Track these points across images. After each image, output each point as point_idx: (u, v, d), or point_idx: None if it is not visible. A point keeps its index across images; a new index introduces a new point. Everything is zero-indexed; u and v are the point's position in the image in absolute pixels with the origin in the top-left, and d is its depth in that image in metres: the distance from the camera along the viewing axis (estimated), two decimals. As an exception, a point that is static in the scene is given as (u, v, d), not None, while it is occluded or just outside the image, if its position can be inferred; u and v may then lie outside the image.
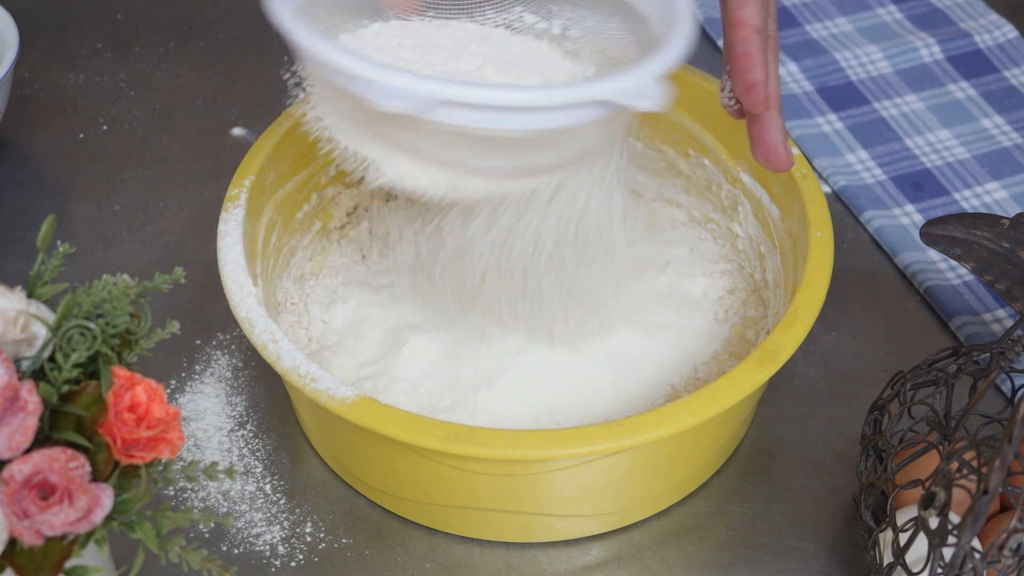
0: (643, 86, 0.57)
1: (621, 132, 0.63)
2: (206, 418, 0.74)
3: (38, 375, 0.50)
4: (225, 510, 0.70)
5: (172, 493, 0.70)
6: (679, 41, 0.59)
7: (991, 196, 0.87)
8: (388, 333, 0.73)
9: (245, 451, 0.72)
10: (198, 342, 0.78)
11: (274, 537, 0.69)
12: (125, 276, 0.52)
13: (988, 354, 0.65)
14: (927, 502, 0.56)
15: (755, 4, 0.61)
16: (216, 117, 0.93)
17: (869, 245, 0.85)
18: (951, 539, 0.56)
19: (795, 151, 0.72)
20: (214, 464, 0.53)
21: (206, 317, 0.79)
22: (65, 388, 0.50)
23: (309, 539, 0.69)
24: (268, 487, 0.71)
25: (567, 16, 0.68)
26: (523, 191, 0.63)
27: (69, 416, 0.49)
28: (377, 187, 0.63)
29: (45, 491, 0.47)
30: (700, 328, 0.74)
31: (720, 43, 0.98)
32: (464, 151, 0.59)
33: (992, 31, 0.98)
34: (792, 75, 0.95)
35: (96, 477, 0.49)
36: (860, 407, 0.74)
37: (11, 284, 0.51)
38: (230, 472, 0.53)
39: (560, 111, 0.57)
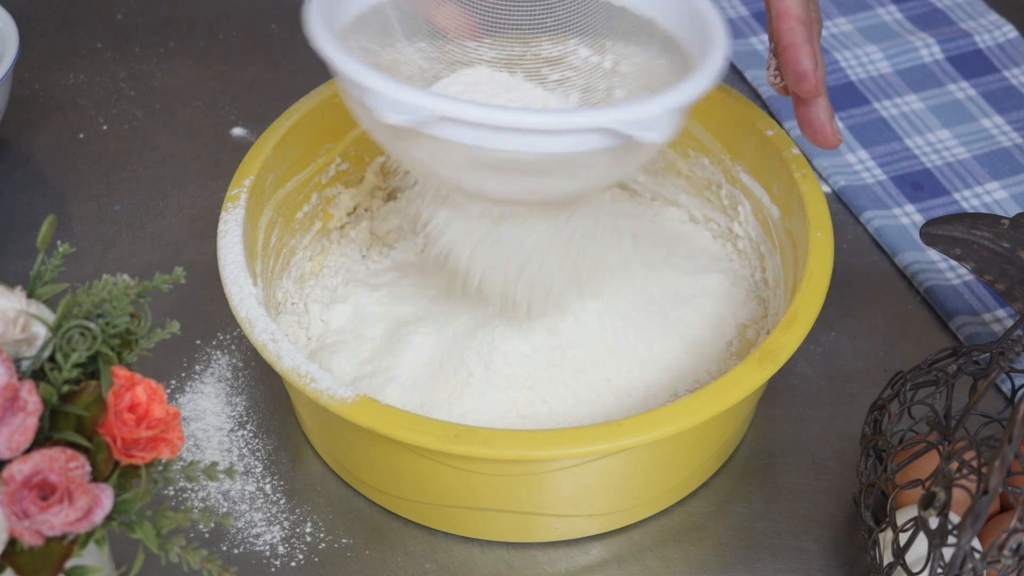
0: (650, 117, 0.57)
1: (640, 163, 0.64)
2: (206, 418, 0.74)
3: (38, 375, 0.50)
4: (225, 510, 0.70)
5: (172, 493, 0.70)
6: (697, 79, 0.59)
7: (991, 196, 0.87)
8: (388, 333, 0.73)
9: (245, 451, 0.72)
10: (198, 342, 0.78)
11: (274, 537, 0.69)
12: (125, 276, 0.52)
13: (988, 354, 0.65)
14: (927, 502, 0.56)
15: None
16: (216, 117, 0.93)
17: (869, 245, 0.85)
18: (951, 539, 0.56)
19: (795, 151, 0.72)
20: (214, 464, 0.53)
21: (206, 317, 0.79)
22: (65, 388, 0.50)
23: (309, 539, 0.69)
24: (268, 487, 0.71)
25: (619, 51, 0.69)
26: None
27: (69, 416, 0.49)
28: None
29: (45, 491, 0.47)
30: (700, 328, 0.74)
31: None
32: (480, 174, 0.60)
33: (992, 31, 0.98)
34: (792, 75, 0.95)
35: (96, 477, 0.49)
36: (860, 407, 0.74)
37: (11, 284, 0.51)
38: (230, 472, 0.53)
39: (565, 135, 0.57)
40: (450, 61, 0.68)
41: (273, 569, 0.67)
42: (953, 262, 0.81)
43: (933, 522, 0.58)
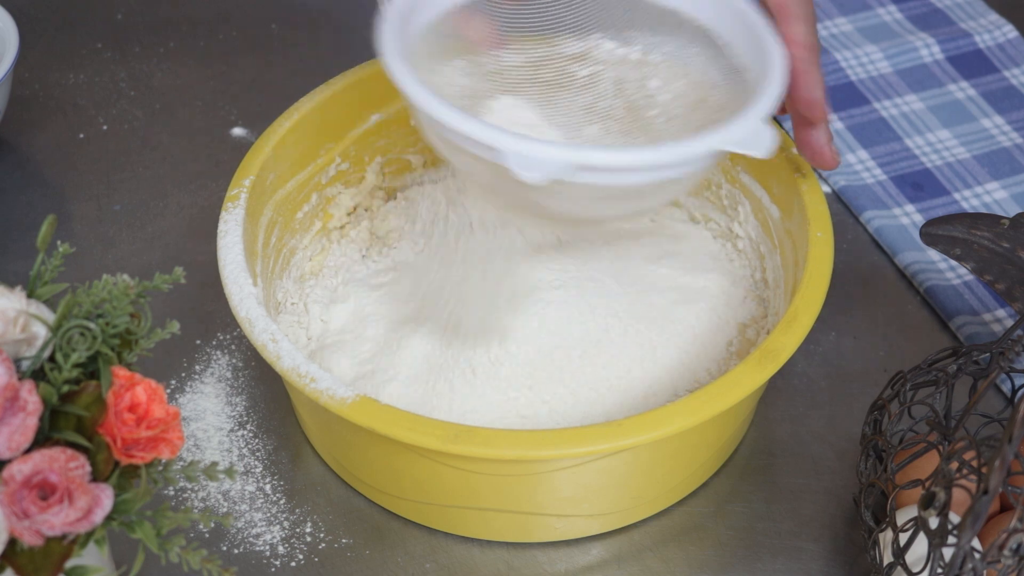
0: (754, 133, 0.59)
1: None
2: (206, 418, 0.74)
3: (38, 375, 0.50)
4: (225, 510, 0.70)
5: (172, 493, 0.70)
6: (775, 81, 0.61)
7: (991, 196, 0.87)
8: (387, 332, 0.73)
9: (245, 451, 0.72)
10: (198, 342, 0.78)
11: (274, 537, 0.69)
12: (125, 276, 0.52)
13: (988, 354, 0.65)
14: (927, 502, 0.56)
15: (802, 21, 0.65)
16: (216, 117, 0.93)
17: (869, 245, 0.85)
18: (951, 539, 0.56)
19: (794, 151, 0.72)
20: (214, 464, 0.53)
21: (206, 317, 0.79)
22: (65, 388, 0.50)
23: (309, 539, 0.69)
24: (268, 487, 0.71)
25: (646, 41, 0.70)
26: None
27: (69, 416, 0.49)
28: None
29: (45, 491, 0.47)
30: (700, 328, 0.74)
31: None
32: (586, 205, 0.63)
33: (992, 31, 0.98)
34: (792, 75, 0.95)
35: (96, 477, 0.49)
36: (860, 407, 0.74)
37: (11, 284, 0.51)
38: (230, 472, 0.53)
39: (680, 166, 0.60)
40: (486, 72, 0.69)
41: (273, 569, 0.67)
42: (953, 262, 0.81)
43: (933, 522, 0.58)
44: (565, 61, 0.70)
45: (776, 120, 0.90)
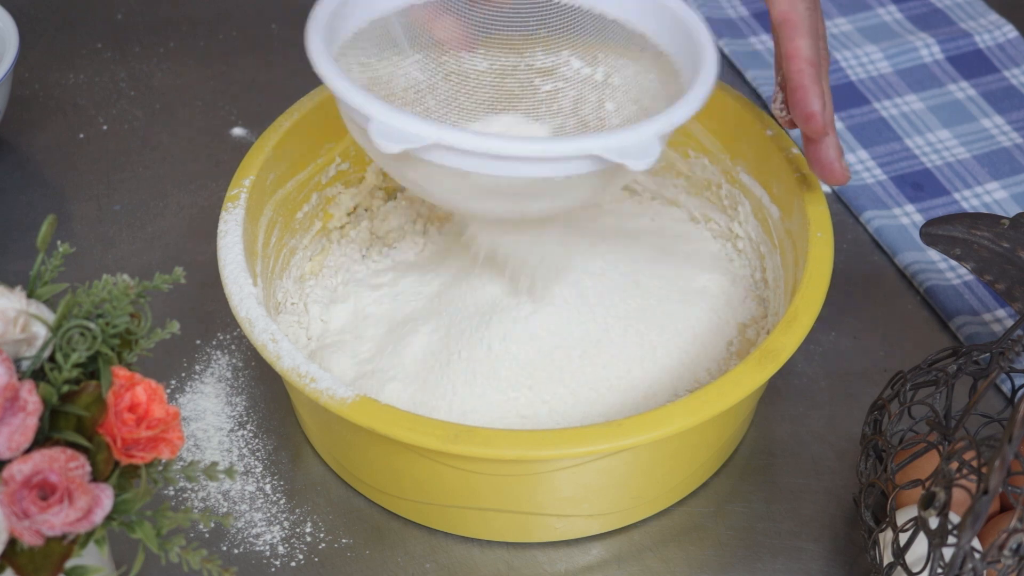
0: (637, 145, 0.58)
1: (622, 184, 0.65)
2: (206, 418, 0.74)
3: (38, 375, 0.50)
4: (225, 510, 0.70)
5: (172, 493, 0.70)
6: (683, 106, 0.60)
7: (991, 196, 0.87)
8: (387, 332, 0.73)
9: (245, 451, 0.72)
10: (198, 342, 0.78)
11: (274, 537, 0.69)
12: (125, 276, 0.52)
13: (988, 354, 0.65)
14: (927, 502, 0.56)
15: (807, 35, 0.65)
16: (216, 117, 0.93)
17: (869, 245, 0.85)
18: (951, 539, 0.56)
19: (794, 151, 0.72)
20: (214, 464, 0.53)
21: (206, 317, 0.79)
22: (65, 388, 0.50)
23: (309, 539, 0.69)
24: (268, 487, 0.71)
25: (611, 64, 0.70)
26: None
27: (69, 416, 0.49)
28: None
29: (45, 491, 0.47)
30: (700, 328, 0.74)
31: (726, 50, 0.98)
32: (471, 197, 0.62)
33: (992, 31, 0.98)
34: (792, 75, 0.95)
35: (96, 477, 0.49)
36: (860, 407, 0.74)
37: (11, 284, 0.51)
38: (230, 472, 0.53)
39: (558, 162, 0.58)
40: (446, 72, 0.69)
41: (273, 569, 0.67)
42: (953, 262, 0.81)
43: (933, 522, 0.58)
44: (532, 74, 0.70)
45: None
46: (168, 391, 0.75)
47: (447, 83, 0.69)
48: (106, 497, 0.48)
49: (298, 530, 0.69)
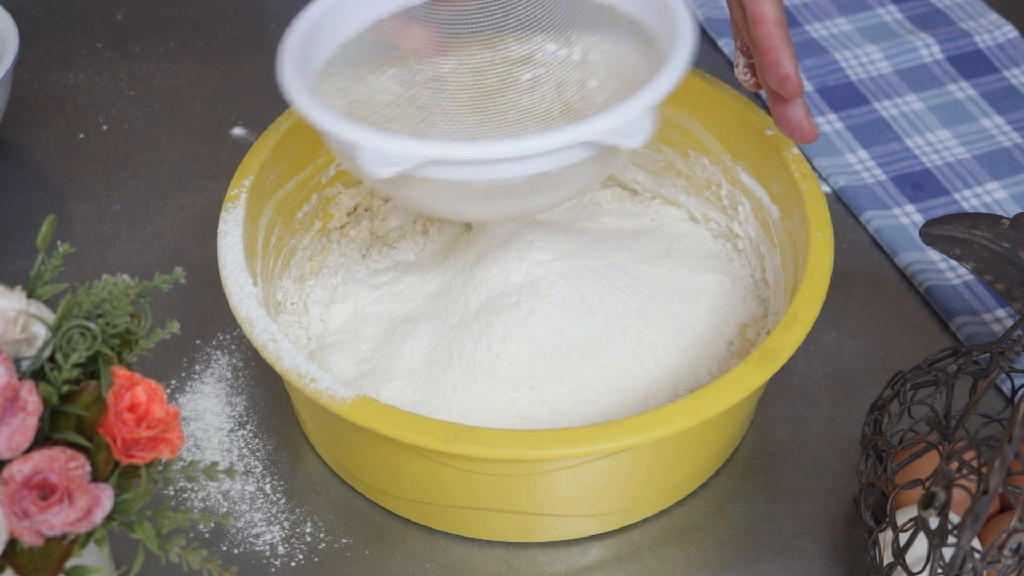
0: (627, 123, 0.58)
1: (621, 164, 0.65)
2: (206, 418, 0.74)
3: (38, 375, 0.50)
4: (225, 510, 0.70)
5: (172, 493, 0.70)
6: (668, 74, 0.60)
7: (991, 196, 0.87)
8: (387, 332, 0.73)
9: (245, 451, 0.72)
10: (198, 342, 0.78)
11: (274, 537, 0.69)
12: (125, 276, 0.52)
13: (988, 354, 0.65)
14: (927, 502, 0.56)
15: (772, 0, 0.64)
16: (216, 117, 0.93)
17: (869, 245, 0.85)
18: (951, 539, 0.56)
19: (795, 151, 0.72)
20: (214, 464, 0.53)
21: (206, 317, 0.79)
22: (65, 388, 0.50)
23: (309, 539, 0.69)
24: (268, 487, 0.71)
25: (585, 41, 0.70)
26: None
27: (69, 416, 0.49)
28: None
29: (45, 491, 0.47)
30: (700, 328, 0.74)
31: (720, 43, 0.98)
32: (473, 203, 0.62)
33: (992, 31, 0.98)
34: (792, 75, 0.95)
35: (96, 477, 0.49)
36: (860, 407, 0.74)
37: (11, 284, 0.51)
38: (230, 472, 0.53)
39: (552, 155, 0.58)
40: (424, 80, 0.69)
41: (273, 569, 0.67)
42: (953, 262, 0.81)
43: (933, 522, 0.58)
44: (509, 65, 0.70)
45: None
46: (168, 391, 0.75)
47: (427, 90, 0.69)
48: (106, 497, 0.48)
49: (298, 530, 0.69)
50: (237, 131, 0.92)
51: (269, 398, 0.75)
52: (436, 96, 0.69)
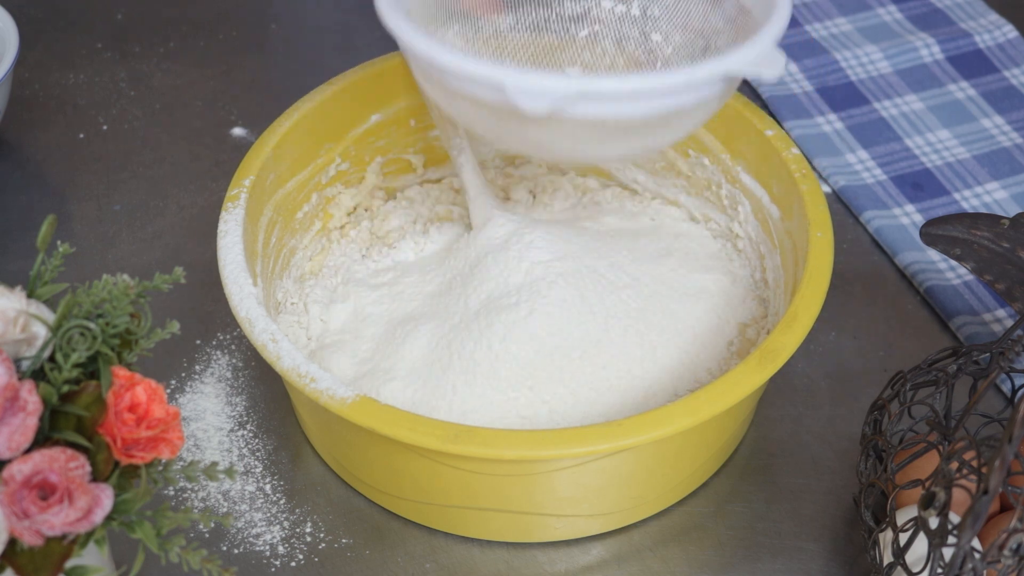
0: (764, 54, 0.58)
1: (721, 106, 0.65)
2: (206, 418, 0.74)
3: (38, 375, 0.50)
4: (225, 510, 0.70)
5: (172, 493, 0.70)
6: (783, 7, 0.60)
7: (991, 196, 0.87)
8: (387, 332, 0.73)
9: (245, 451, 0.72)
10: (198, 342, 0.78)
11: (274, 537, 0.69)
12: (125, 276, 0.52)
13: (988, 354, 0.65)
14: (927, 502, 0.56)
15: None
16: (216, 117, 0.93)
17: (869, 245, 0.85)
18: (951, 539, 0.56)
19: (795, 151, 0.72)
20: (214, 464, 0.53)
21: (206, 317, 0.79)
22: (65, 388, 0.50)
23: (309, 539, 0.69)
24: (268, 487, 0.71)
25: None
26: None
27: (69, 416, 0.49)
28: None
29: (45, 491, 0.47)
30: (700, 328, 0.74)
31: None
32: (592, 142, 0.61)
33: (992, 31, 0.98)
34: (792, 75, 0.95)
35: (96, 477, 0.49)
36: (860, 407, 0.74)
37: (11, 284, 0.51)
38: (230, 472, 0.53)
39: (690, 91, 0.59)
40: (484, 38, 0.69)
41: (273, 569, 0.67)
42: (953, 262, 0.81)
43: (933, 522, 0.58)
44: (565, 23, 0.70)
45: (777, 121, 0.90)
46: (168, 391, 0.75)
47: (488, 48, 0.69)
48: (106, 497, 0.48)
49: (298, 530, 0.69)
50: (237, 131, 0.93)
51: (269, 398, 0.75)
52: (498, 53, 0.69)
